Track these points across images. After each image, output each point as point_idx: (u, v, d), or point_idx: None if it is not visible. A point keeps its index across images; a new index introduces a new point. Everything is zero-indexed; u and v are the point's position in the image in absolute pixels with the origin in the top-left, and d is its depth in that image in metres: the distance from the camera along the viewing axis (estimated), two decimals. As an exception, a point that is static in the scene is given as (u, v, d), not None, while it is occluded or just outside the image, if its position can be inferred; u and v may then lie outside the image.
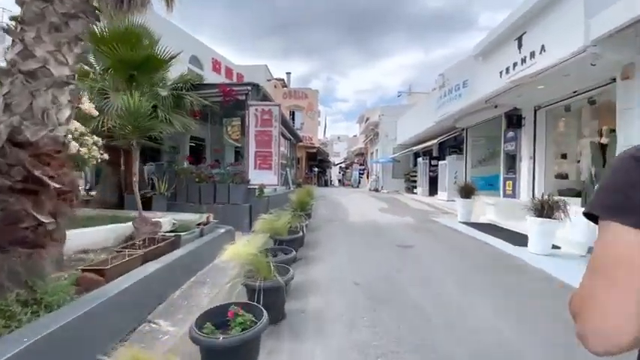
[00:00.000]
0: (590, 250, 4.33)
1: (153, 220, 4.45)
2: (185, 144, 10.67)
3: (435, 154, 15.35)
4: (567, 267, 3.89)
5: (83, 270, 2.39)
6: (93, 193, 6.96)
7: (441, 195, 12.36)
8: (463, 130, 12.03)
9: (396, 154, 18.12)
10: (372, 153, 23.81)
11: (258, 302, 2.03)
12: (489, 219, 7.60)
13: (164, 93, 5.78)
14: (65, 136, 2.07)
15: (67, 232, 2.14)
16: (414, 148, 15.60)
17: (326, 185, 29.35)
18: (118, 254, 2.86)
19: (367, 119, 23.62)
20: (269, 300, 2.15)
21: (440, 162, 12.84)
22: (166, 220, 4.92)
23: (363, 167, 27.03)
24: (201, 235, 4.50)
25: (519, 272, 3.73)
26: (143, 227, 3.90)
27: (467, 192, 7.54)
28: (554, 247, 4.65)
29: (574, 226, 4.38)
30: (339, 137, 56.61)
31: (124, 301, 2.15)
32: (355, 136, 44.22)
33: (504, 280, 3.47)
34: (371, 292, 2.99)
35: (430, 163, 14.61)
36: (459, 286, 3.20)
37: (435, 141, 13.55)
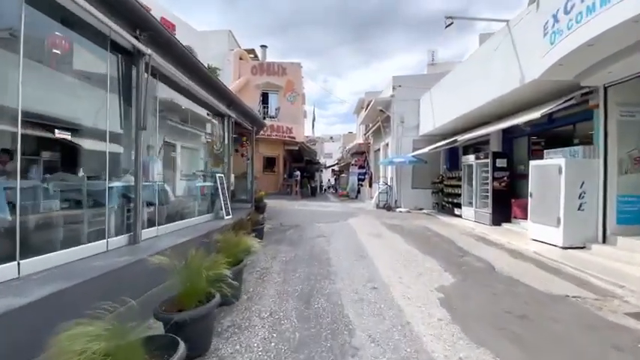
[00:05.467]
0: None
1: None
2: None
3: (494, 147, 9.16)
4: None
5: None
6: None
7: (538, 230, 6.15)
8: (587, 93, 5.88)
9: (420, 150, 11.88)
10: (377, 150, 17.56)
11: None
12: None
13: None
14: None
15: None
16: (459, 138, 9.38)
17: (313, 195, 22.96)
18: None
19: (369, 104, 17.32)
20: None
21: (535, 162, 6.58)
22: None
23: (364, 171, 20.76)
24: None
25: None
26: None
27: None
28: None
29: None
30: (331, 137, 50.41)
31: None
32: (351, 132, 38.05)
33: None
34: None
35: (494, 164, 8.38)
36: None
37: (507, 124, 7.34)
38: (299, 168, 24.65)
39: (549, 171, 6.06)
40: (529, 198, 6.62)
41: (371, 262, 4.79)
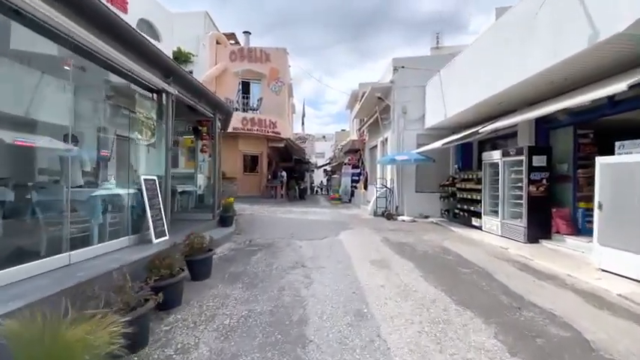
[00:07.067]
0: None
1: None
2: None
3: (524, 141, 7.30)
4: None
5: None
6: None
7: (613, 258, 4.28)
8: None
9: (429, 146, 9.99)
10: (373, 147, 15.66)
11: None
12: None
13: None
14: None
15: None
16: (481, 130, 7.48)
17: (302, 198, 20.97)
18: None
19: (364, 94, 15.39)
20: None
21: (605, 160, 4.66)
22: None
23: (359, 171, 18.82)
24: None
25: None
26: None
27: None
28: None
29: None
30: (324, 136, 48.54)
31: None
32: (344, 130, 36.15)
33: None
34: None
35: (529, 162, 6.52)
36: None
37: (567, 103, 5.43)
38: (287, 168, 22.63)
39: (632, 172, 4.18)
40: (595, 209, 4.74)
41: (376, 332, 2.81)
